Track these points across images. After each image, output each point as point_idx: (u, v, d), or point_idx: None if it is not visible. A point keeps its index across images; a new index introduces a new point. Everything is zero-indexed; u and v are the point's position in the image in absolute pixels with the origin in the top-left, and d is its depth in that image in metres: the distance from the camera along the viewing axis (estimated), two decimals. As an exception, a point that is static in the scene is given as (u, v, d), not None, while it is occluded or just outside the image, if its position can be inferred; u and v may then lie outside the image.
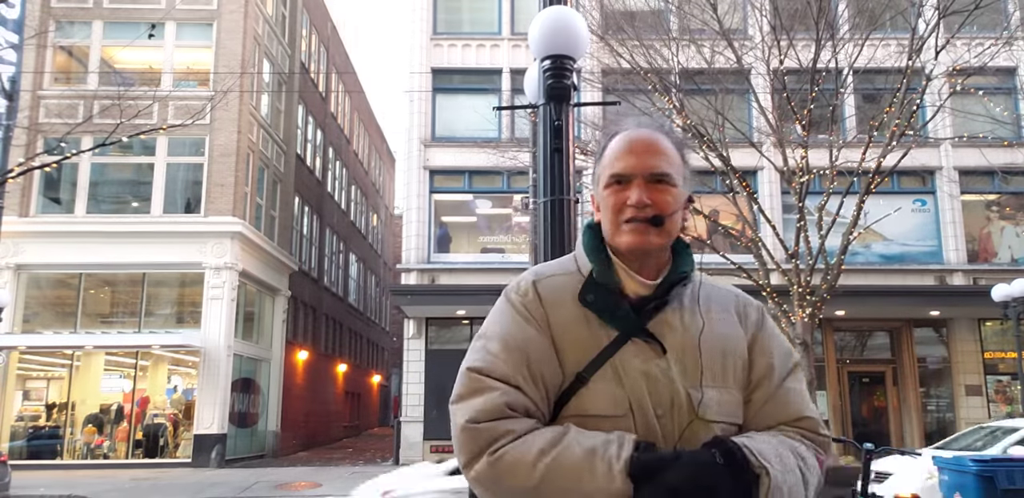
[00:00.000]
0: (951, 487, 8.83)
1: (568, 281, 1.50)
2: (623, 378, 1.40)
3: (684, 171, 1.56)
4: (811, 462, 1.42)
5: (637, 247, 1.48)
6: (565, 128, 4.65)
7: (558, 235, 4.54)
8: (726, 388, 1.46)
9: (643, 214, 1.47)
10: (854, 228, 15.19)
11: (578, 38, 4.79)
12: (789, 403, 1.48)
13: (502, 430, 1.35)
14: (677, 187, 1.52)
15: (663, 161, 1.51)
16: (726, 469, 1.29)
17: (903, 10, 16.53)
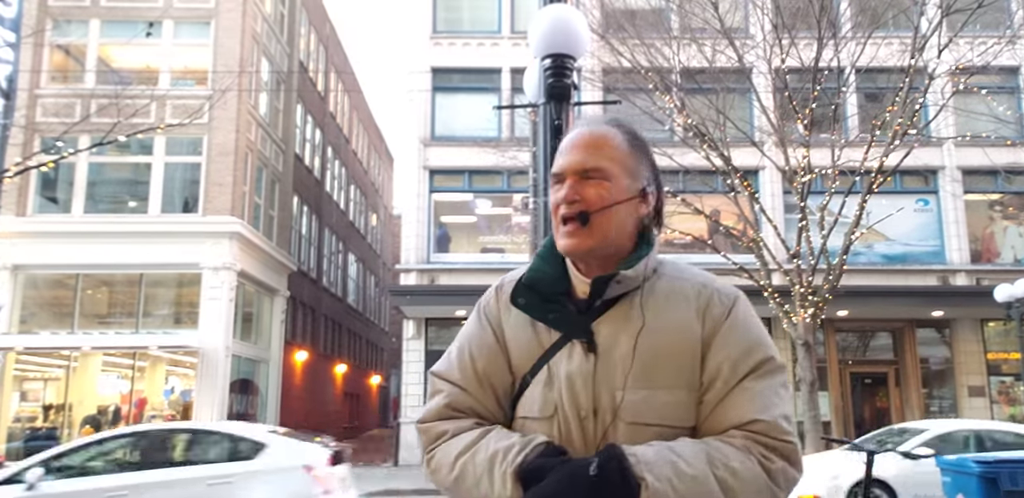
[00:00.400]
0: (954, 489, 8.76)
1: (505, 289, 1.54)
2: (553, 380, 1.41)
3: (634, 164, 1.49)
4: (744, 469, 1.27)
5: (564, 251, 1.47)
6: (565, 127, 4.64)
7: (558, 237, 4.46)
8: (665, 389, 1.37)
9: (572, 211, 1.44)
10: (856, 228, 15.13)
11: (578, 37, 4.79)
12: (739, 405, 1.34)
13: (439, 430, 1.43)
14: (612, 181, 1.45)
15: (596, 155, 1.46)
16: (597, 479, 1.24)
17: (906, 9, 16.47)
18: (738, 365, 1.38)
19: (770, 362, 1.40)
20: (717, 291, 1.48)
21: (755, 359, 1.39)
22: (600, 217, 1.44)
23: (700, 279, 1.52)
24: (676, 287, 1.49)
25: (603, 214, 1.44)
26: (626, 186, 1.47)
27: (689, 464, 1.26)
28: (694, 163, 16.64)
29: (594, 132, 1.50)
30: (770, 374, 1.38)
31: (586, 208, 1.44)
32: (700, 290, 1.48)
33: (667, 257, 1.56)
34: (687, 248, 19.52)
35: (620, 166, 1.47)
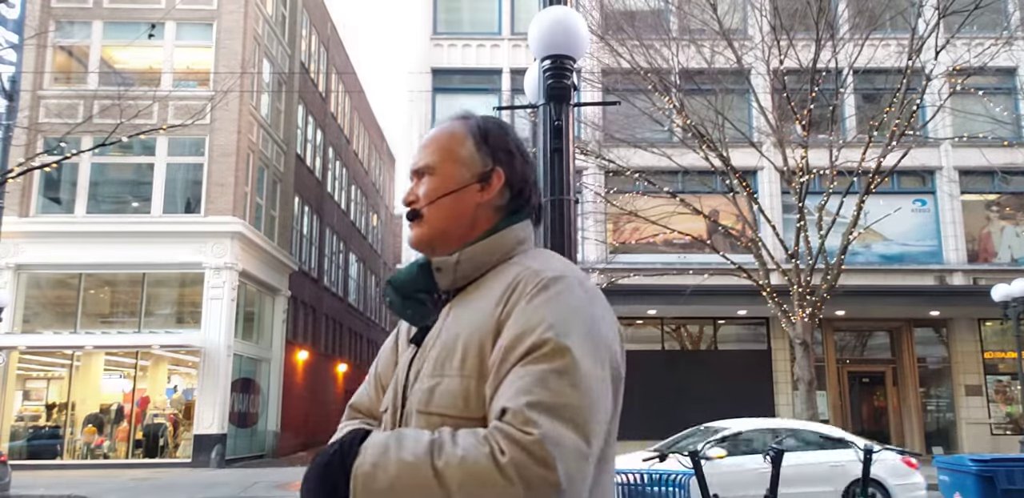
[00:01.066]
0: (951, 487, 8.83)
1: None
2: (390, 374, 1.48)
3: (468, 152, 1.45)
4: (470, 460, 1.12)
5: (410, 247, 1.49)
6: (565, 128, 4.65)
7: (558, 235, 4.53)
8: (455, 378, 1.28)
9: (406, 210, 1.48)
10: (854, 228, 15.20)
11: (578, 38, 4.79)
12: (501, 394, 1.19)
13: (339, 429, 1.46)
14: (439, 174, 1.45)
15: (426, 153, 1.48)
16: (327, 462, 1.24)
17: (903, 10, 16.55)
18: (512, 349, 1.22)
19: (545, 345, 1.19)
20: (536, 273, 1.30)
21: (529, 342, 1.20)
22: (430, 211, 1.44)
23: (536, 265, 1.33)
24: (506, 272, 1.35)
25: (432, 208, 1.44)
26: (456, 176, 1.44)
27: (407, 450, 1.17)
28: (693, 163, 16.71)
29: (432, 132, 1.51)
30: (543, 359, 1.18)
31: (410, 207, 1.46)
32: (520, 273, 1.32)
33: (541, 250, 1.46)
34: (686, 248, 19.60)
35: (449, 158, 1.45)
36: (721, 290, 18.08)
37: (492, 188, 1.44)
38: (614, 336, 1.31)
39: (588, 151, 16.83)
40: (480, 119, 1.51)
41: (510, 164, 1.47)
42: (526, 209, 1.48)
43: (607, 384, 1.24)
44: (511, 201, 1.46)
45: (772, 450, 7.45)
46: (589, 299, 1.30)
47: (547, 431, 1.12)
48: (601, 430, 1.21)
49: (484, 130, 1.48)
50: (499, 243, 1.41)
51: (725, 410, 19.18)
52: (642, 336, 21.09)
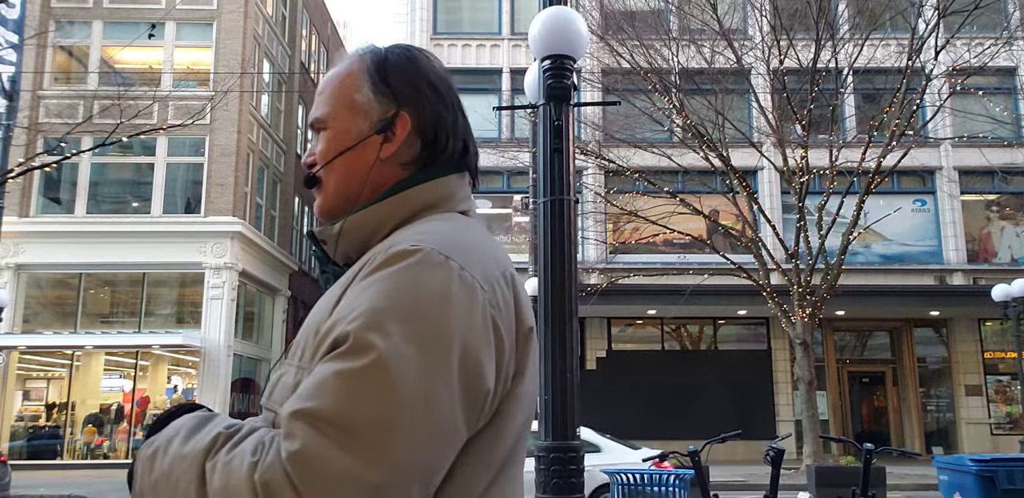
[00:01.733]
0: (951, 487, 8.83)
1: None
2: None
3: (366, 97, 1.18)
4: (234, 466, 0.92)
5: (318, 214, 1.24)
6: (565, 128, 4.65)
7: (558, 235, 4.53)
8: (291, 368, 1.07)
9: (305, 177, 1.22)
10: (854, 228, 15.19)
11: (578, 38, 4.79)
12: (297, 395, 0.95)
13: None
14: (332, 128, 1.19)
15: (319, 102, 1.22)
16: (144, 438, 1.09)
17: (903, 10, 16.55)
18: (322, 342, 0.99)
19: (346, 340, 0.94)
20: (389, 245, 1.04)
21: (335, 334, 0.96)
22: (327, 175, 1.18)
23: (408, 234, 1.06)
24: (377, 248, 1.08)
25: (329, 170, 1.18)
26: (352, 128, 1.17)
27: (193, 440, 0.99)
28: (693, 163, 16.70)
29: (330, 74, 1.23)
30: (338, 357, 0.93)
31: (308, 172, 1.21)
32: (379, 248, 1.06)
33: (453, 216, 1.15)
34: (686, 248, 19.60)
35: (343, 106, 1.18)
36: (721, 290, 18.08)
37: (397, 138, 1.16)
38: (483, 332, 0.98)
39: (588, 151, 16.82)
40: (380, 51, 1.22)
41: (417, 104, 1.18)
42: (441, 160, 1.18)
43: (451, 394, 0.93)
44: (423, 152, 1.18)
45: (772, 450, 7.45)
46: (443, 280, 0.97)
47: (304, 449, 0.87)
48: (424, 457, 0.89)
49: (382, 65, 1.19)
50: (395, 207, 1.14)
51: (725, 410, 19.20)
52: (642, 336, 21.09)
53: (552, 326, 4.43)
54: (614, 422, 19.23)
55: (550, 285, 4.48)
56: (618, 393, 19.61)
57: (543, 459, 4.35)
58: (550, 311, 4.45)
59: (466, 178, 1.22)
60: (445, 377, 0.93)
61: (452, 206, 1.16)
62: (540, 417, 4.49)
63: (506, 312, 1.02)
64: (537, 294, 4.59)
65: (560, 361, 4.38)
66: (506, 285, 1.05)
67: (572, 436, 4.35)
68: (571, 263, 4.53)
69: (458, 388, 0.94)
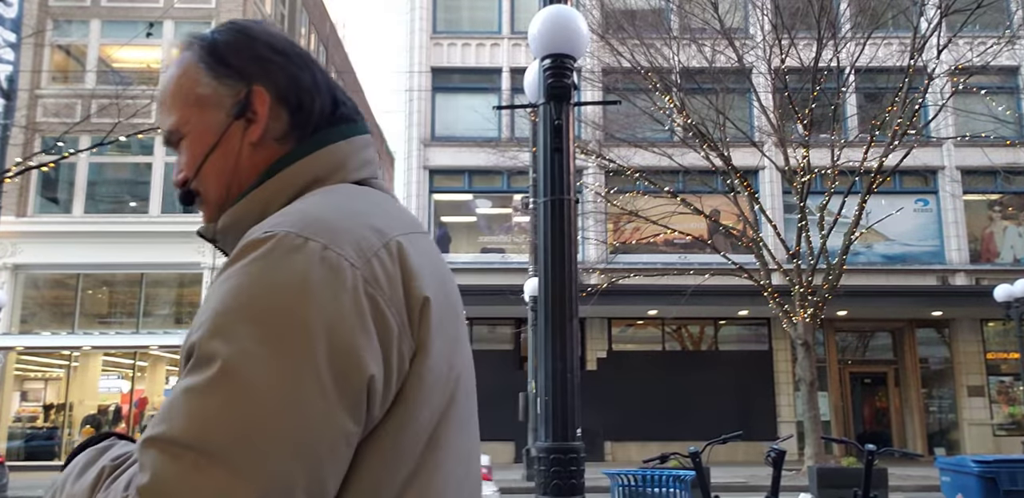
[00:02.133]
0: (953, 488, 8.79)
1: None
2: None
3: (209, 86, 1.06)
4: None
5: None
6: (565, 127, 4.65)
7: (558, 235, 4.53)
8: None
9: (179, 194, 1.11)
10: (856, 228, 15.15)
11: (578, 37, 4.79)
12: (151, 421, 0.87)
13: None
14: (188, 134, 1.07)
15: (162, 114, 1.10)
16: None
17: (905, 9, 16.51)
18: (182, 354, 0.90)
19: (194, 351, 0.86)
20: (247, 238, 0.92)
21: (187, 346, 0.88)
22: (203, 184, 1.07)
23: (276, 217, 0.94)
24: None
25: (202, 179, 1.07)
26: (210, 124, 1.06)
27: (83, 479, 0.93)
28: (694, 163, 16.66)
29: (162, 81, 1.11)
30: (189, 372, 0.86)
31: (182, 189, 1.09)
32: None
33: (340, 187, 1.02)
34: (687, 248, 19.55)
35: (189, 106, 1.07)
36: (722, 290, 18.03)
37: (260, 116, 1.05)
38: (355, 315, 0.87)
39: (588, 150, 16.78)
40: (207, 36, 1.10)
41: (268, 75, 1.06)
42: (315, 123, 1.06)
43: (322, 390, 0.83)
44: (293, 119, 1.06)
45: (773, 452, 7.40)
46: (300, 267, 0.87)
47: (155, 479, 0.79)
48: (300, 463, 0.81)
49: (214, 48, 1.08)
50: (276, 189, 1.02)
51: (726, 411, 19.15)
52: (643, 337, 21.05)
53: (552, 327, 4.42)
54: (615, 423, 19.20)
55: (550, 285, 4.48)
56: (619, 394, 19.56)
57: (543, 460, 4.33)
58: (550, 311, 4.45)
59: (361, 143, 1.09)
60: (311, 373, 0.83)
61: (344, 176, 1.04)
62: (540, 418, 4.47)
63: (389, 287, 0.91)
64: (537, 294, 4.60)
65: (560, 362, 4.37)
66: (389, 256, 0.92)
67: (572, 437, 4.34)
68: (571, 263, 4.53)
69: (330, 382, 0.84)
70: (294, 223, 0.90)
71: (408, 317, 0.92)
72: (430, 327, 0.94)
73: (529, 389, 15.45)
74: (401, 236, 0.96)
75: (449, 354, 0.97)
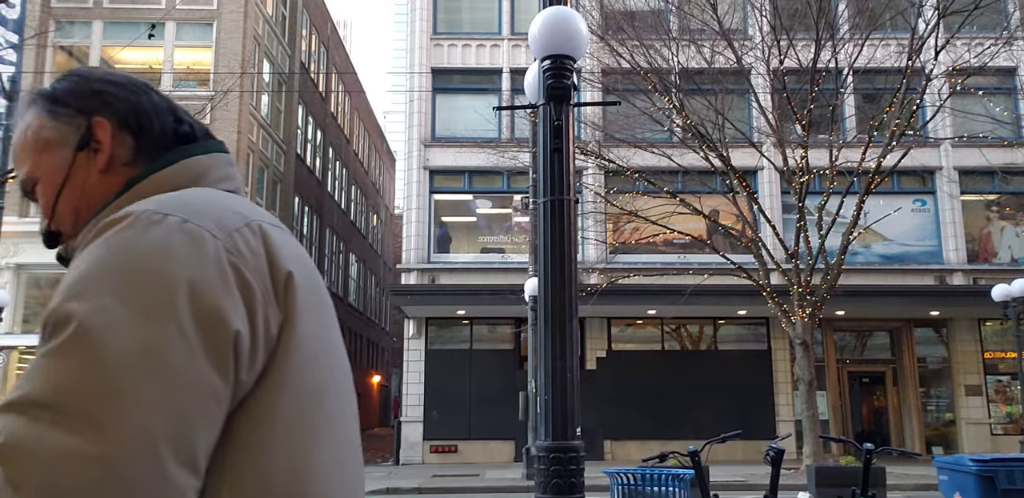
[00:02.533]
0: (951, 487, 8.82)
1: None
2: None
3: (52, 130, 1.09)
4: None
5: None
6: (565, 128, 4.64)
7: (558, 235, 4.52)
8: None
9: (46, 240, 1.13)
10: (854, 228, 15.19)
11: (578, 38, 4.78)
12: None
13: None
14: (41, 177, 1.10)
15: (18, 167, 1.13)
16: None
17: (903, 10, 16.54)
18: (40, 326, 0.90)
19: (51, 317, 0.86)
20: (104, 220, 0.94)
21: (44, 315, 0.88)
22: (60, 220, 1.10)
23: (125, 208, 0.95)
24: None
25: (60, 217, 1.10)
26: (56, 162, 1.09)
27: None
28: (693, 163, 16.70)
29: (12, 140, 1.15)
30: (48, 337, 0.85)
31: (53, 226, 1.11)
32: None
33: (193, 189, 1.04)
34: (686, 248, 19.59)
35: (39, 150, 1.10)
36: (721, 290, 18.08)
37: (104, 144, 1.07)
38: (218, 276, 0.88)
39: (588, 151, 16.82)
40: (46, 88, 1.14)
41: (107, 104, 1.09)
42: (161, 142, 1.09)
43: (185, 341, 0.84)
44: (138, 142, 1.09)
45: (772, 450, 7.44)
46: (161, 234, 0.89)
47: (12, 440, 0.78)
48: (164, 416, 0.80)
49: (52, 94, 1.11)
50: (127, 202, 1.01)
51: (725, 410, 19.19)
52: (642, 336, 21.08)
53: (552, 326, 4.41)
54: (614, 422, 19.24)
55: (550, 285, 4.47)
56: (618, 393, 19.60)
57: (543, 459, 4.33)
58: (550, 311, 4.44)
59: (222, 160, 1.11)
60: (173, 328, 0.83)
61: (206, 185, 1.06)
62: (540, 417, 4.48)
63: (252, 258, 0.93)
64: (537, 294, 4.59)
65: (560, 361, 4.36)
66: (251, 233, 0.95)
67: (572, 436, 4.33)
68: (571, 263, 4.52)
69: (194, 336, 0.84)
70: (151, 204, 0.93)
71: (273, 288, 0.93)
72: (296, 300, 0.95)
73: (529, 388, 15.49)
74: (264, 223, 0.98)
75: (321, 336, 0.98)
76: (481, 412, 19.44)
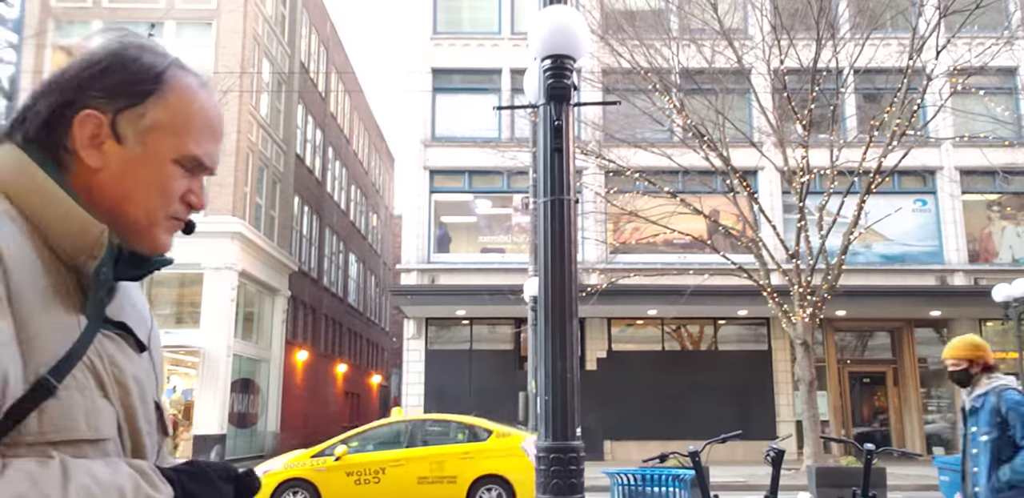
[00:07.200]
0: (952, 487, 8.81)
1: (17, 232, 0.99)
2: (108, 386, 1.02)
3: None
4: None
5: (156, 251, 1.12)
6: (565, 128, 4.62)
7: (558, 235, 4.51)
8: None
9: (187, 216, 1.14)
10: (855, 228, 15.17)
11: (578, 38, 4.75)
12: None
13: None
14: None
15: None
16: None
17: (904, 10, 16.53)
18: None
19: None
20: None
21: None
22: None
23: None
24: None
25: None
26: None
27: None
28: (693, 163, 16.68)
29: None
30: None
31: (192, 218, 1.16)
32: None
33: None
34: (686, 248, 19.57)
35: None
36: (721, 290, 18.06)
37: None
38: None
39: (588, 151, 16.80)
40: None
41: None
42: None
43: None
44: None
45: (772, 451, 7.43)
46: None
47: None
48: None
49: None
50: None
51: (726, 411, 19.19)
52: (642, 336, 21.07)
53: (552, 326, 4.39)
54: (614, 422, 19.23)
55: (550, 285, 4.45)
56: (618, 393, 19.59)
57: (543, 459, 4.31)
58: (550, 311, 4.42)
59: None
60: None
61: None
62: (540, 417, 4.47)
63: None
64: (537, 294, 4.58)
65: (560, 362, 4.34)
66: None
67: (572, 436, 4.32)
68: (571, 263, 4.50)
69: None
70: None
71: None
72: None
73: (529, 388, 15.47)
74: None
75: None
76: (481, 412, 19.37)
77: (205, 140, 1.14)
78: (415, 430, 12.12)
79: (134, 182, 1.07)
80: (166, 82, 1.11)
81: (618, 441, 19.58)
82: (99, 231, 1.02)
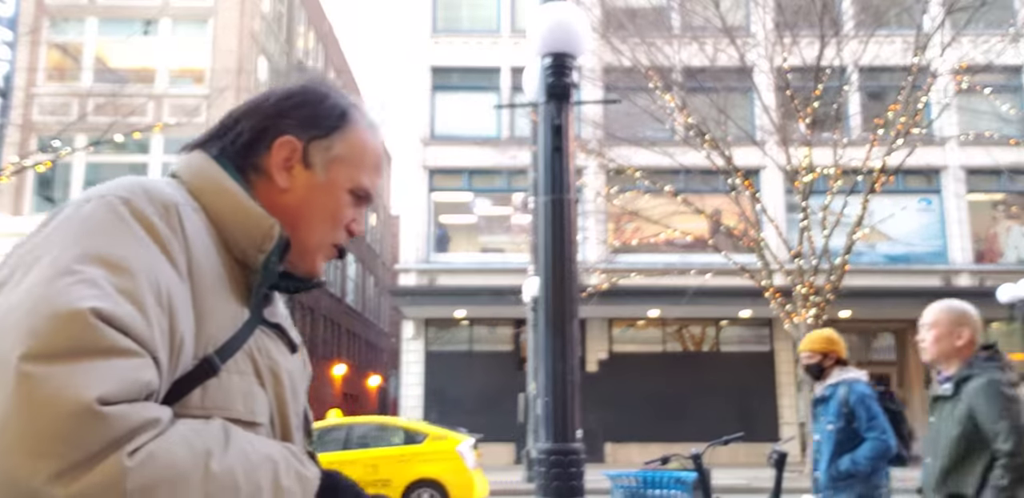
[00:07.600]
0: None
1: (199, 220, 1.05)
2: (264, 375, 1.08)
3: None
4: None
5: (313, 274, 1.22)
6: (565, 127, 4.71)
7: (558, 235, 4.52)
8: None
9: (345, 243, 1.25)
10: (858, 228, 15.07)
11: (579, 35, 4.84)
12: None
13: (147, 417, 0.87)
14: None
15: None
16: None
17: (908, 7, 16.43)
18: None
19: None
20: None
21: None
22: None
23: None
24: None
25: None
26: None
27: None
28: (695, 162, 16.57)
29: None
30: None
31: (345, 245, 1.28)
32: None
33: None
34: (688, 248, 19.44)
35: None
36: (723, 291, 17.94)
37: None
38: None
39: (589, 150, 16.70)
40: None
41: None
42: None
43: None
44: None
45: (775, 453, 7.33)
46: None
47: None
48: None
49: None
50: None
51: (728, 413, 19.05)
52: (644, 338, 20.97)
53: (552, 327, 4.44)
54: (615, 424, 19.10)
55: (550, 285, 4.49)
56: (620, 395, 19.47)
57: (543, 461, 4.35)
58: (550, 312, 4.46)
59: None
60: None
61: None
62: (541, 419, 4.53)
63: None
64: (537, 295, 4.68)
65: (560, 363, 4.38)
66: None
67: (572, 439, 4.37)
68: (571, 263, 4.55)
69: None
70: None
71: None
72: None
73: (529, 390, 15.36)
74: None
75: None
76: (481, 414, 19.27)
77: (374, 174, 1.26)
78: (351, 433, 12.07)
79: (313, 205, 1.19)
80: (348, 120, 1.25)
81: (619, 443, 19.48)
82: (270, 224, 1.11)
